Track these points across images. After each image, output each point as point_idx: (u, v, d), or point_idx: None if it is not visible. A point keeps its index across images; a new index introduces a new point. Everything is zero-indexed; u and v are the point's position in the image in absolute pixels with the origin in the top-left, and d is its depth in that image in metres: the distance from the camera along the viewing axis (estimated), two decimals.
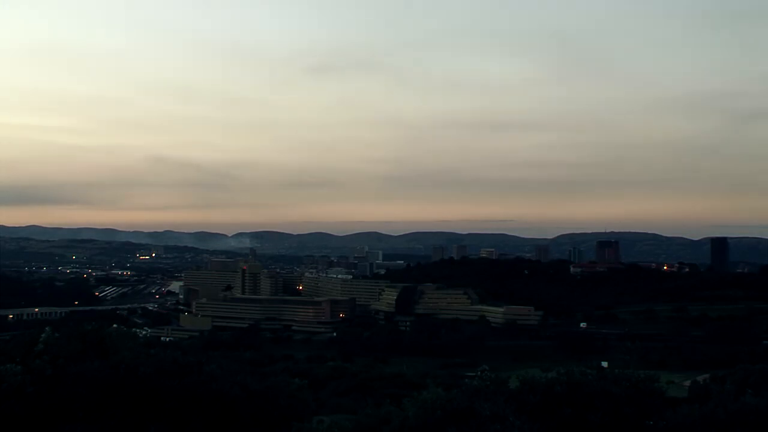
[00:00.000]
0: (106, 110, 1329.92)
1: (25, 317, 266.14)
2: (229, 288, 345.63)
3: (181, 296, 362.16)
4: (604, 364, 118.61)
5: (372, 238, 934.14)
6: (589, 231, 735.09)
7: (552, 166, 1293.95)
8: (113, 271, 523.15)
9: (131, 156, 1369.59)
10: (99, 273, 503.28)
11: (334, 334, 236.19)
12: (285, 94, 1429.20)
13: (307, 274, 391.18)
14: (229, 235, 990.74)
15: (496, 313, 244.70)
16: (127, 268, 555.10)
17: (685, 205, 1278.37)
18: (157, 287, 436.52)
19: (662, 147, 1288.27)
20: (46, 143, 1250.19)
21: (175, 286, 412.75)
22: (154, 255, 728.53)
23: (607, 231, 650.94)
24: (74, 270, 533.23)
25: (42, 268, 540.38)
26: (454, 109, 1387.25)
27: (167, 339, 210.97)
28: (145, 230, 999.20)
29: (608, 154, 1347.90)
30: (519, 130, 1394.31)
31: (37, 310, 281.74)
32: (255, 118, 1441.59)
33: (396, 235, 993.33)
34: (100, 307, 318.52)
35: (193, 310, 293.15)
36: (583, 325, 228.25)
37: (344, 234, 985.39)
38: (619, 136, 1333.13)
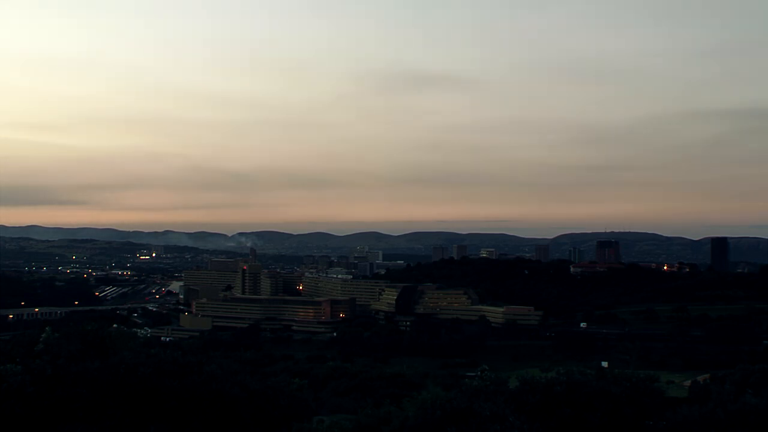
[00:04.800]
0: (107, 111, 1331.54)
1: (25, 317, 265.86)
2: (229, 288, 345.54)
3: (181, 296, 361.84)
4: (604, 364, 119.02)
5: (372, 238, 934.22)
6: (589, 231, 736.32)
7: (552, 167, 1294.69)
8: (113, 271, 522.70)
9: (131, 156, 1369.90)
10: (99, 273, 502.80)
11: (334, 334, 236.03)
12: (285, 95, 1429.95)
13: (307, 274, 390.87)
14: (229, 235, 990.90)
15: (496, 313, 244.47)
16: (127, 268, 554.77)
17: (685, 205, 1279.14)
18: (157, 287, 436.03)
19: (662, 148, 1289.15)
20: (47, 144, 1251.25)
21: (175, 286, 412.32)
22: (154, 255, 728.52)
23: (607, 231, 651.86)
24: (74, 270, 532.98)
25: (42, 268, 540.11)
26: (455, 110, 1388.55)
27: (167, 339, 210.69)
28: (145, 230, 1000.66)
29: (609, 155, 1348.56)
30: (519, 131, 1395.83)
31: (37, 310, 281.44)
32: (255, 119, 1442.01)
33: (396, 235, 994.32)
34: (100, 307, 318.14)
35: (193, 310, 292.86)
36: (583, 325, 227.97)
37: (344, 234, 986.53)
38: (620, 137, 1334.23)
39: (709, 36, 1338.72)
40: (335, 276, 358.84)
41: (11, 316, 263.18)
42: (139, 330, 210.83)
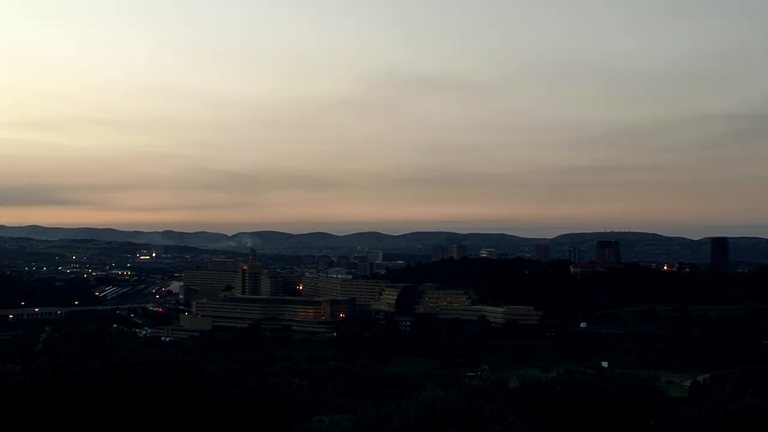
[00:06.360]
0: (107, 111, 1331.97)
1: (25, 317, 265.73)
2: (229, 288, 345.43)
3: (181, 296, 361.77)
4: (604, 364, 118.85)
5: (372, 238, 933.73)
6: (589, 231, 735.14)
7: (552, 167, 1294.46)
8: (113, 271, 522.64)
9: (131, 156, 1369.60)
10: (99, 273, 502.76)
11: (335, 334, 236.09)
12: (285, 95, 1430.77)
13: (307, 274, 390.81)
14: (229, 235, 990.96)
15: (496, 313, 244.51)
16: (127, 268, 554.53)
17: (685, 205, 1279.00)
18: (157, 287, 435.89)
19: (662, 148, 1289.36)
20: (47, 144, 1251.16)
21: (175, 286, 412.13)
22: (154, 255, 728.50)
23: (607, 231, 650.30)
24: (74, 270, 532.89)
25: (42, 268, 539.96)
26: (455, 111, 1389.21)
27: (167, 339, 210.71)
28: (145, 230, 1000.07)
29: (609, 155, 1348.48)
30: (519, 131, 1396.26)
31: (37, 310, 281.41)
32: (255, 119, 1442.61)
33: (396, 235, 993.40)
34: (100, 307, 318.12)
35: (193, 310, 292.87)
36: (583, 325, 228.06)
37: (344, 234, 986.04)
38: (620, 137, 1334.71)
39: (709, 37, 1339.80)
40: (335, 276, 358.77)
41: (11, 316, 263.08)
42: (139, 330, 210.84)
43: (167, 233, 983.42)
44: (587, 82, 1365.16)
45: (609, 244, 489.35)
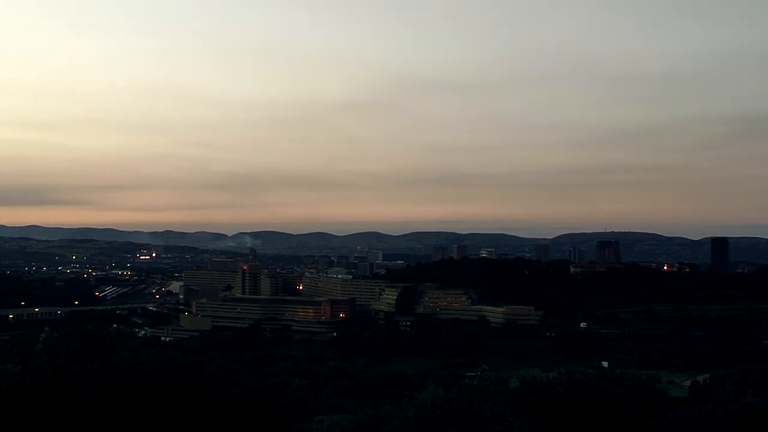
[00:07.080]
0: (107, 112, 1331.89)
1: (25, 317, 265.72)
2: (229, 288, 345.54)
3: (181, 296, 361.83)
4: (605, 364, 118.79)
5: (372, 238, 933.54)
6: (589, 231, 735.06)
7: (552, 167, 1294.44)
8: (113, 271, 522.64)
9: (131, 156, 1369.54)
10: (99, 273, 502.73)
11: (335, 334, 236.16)
12: (286, 96, 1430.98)
13: (307, 274, 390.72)
14: (229, 235, 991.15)
15: (496, 313, 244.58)
16: (127, 268, 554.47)
17: (685, 205, 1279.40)
18: (157, 287, 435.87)
19: (663, 148, 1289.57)
20: (47, 144, 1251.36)
21: (175, 286, 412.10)
22: (154, 255, 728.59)
23: (607, 231, 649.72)
24: (74, 270, 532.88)
25: (42, 268, 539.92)
26: (455, 111, 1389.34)
27: (167, 339, 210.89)
28: (145, 230, 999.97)
29: (609, 155, 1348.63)
30: (519, 131, 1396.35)
31: (37, 310, 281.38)
32: (256, 119, 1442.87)
33: (396, 235, 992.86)
34: (100, 307, 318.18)
35: (193, 310, 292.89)
36: (583, 325, 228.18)
37: (344, 234, 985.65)
38: (620, 137, 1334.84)
39: (708, 38, 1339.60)
40: (335, 276, 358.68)
41: (11, 316, 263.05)
42: (139, 330, 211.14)
43: (167, 233, 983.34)
44: (587, 83, 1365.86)
45: (609, 244, 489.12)
